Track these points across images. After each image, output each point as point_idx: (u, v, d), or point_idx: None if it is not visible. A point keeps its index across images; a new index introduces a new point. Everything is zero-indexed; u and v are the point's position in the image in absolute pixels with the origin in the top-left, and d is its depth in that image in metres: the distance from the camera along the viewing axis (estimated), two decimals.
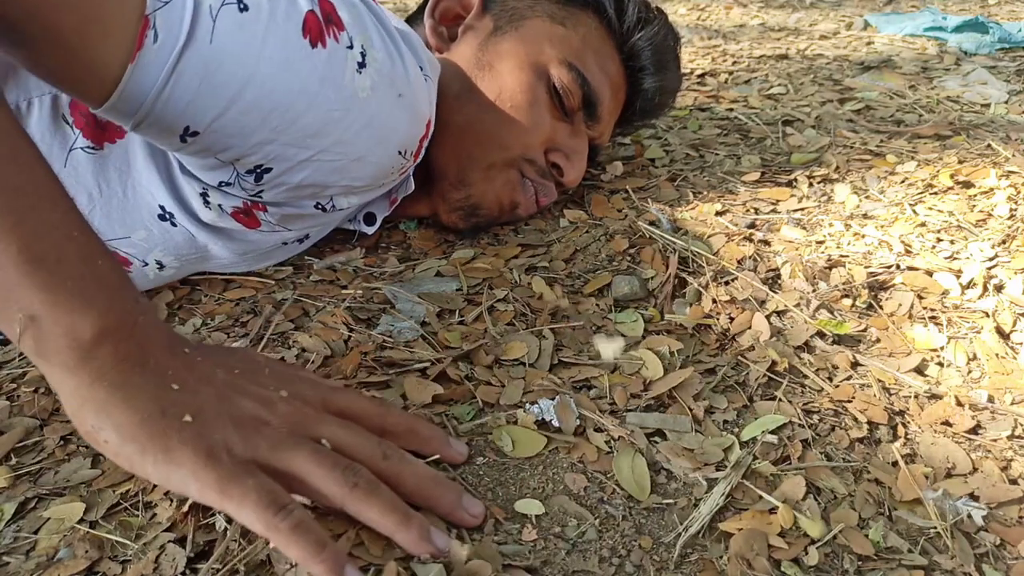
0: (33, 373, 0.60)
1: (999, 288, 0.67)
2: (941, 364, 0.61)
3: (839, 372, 0.60)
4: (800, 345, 0.63)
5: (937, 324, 0.64)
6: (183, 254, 0.67)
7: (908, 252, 0.73)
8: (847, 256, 0.72)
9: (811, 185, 0.89)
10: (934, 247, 0.73)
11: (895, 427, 0.55)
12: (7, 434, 0.53)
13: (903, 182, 0.87)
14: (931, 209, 0.80)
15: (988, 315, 0.64)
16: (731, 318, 0.66)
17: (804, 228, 0.79)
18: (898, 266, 0.70)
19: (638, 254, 0.75)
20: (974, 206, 0.80)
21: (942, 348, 0.62)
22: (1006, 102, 1.23)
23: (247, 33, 0.51)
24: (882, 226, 0.77)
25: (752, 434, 0.53)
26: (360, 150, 0.60)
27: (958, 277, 0.68)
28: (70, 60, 0.47)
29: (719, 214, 0.82)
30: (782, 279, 0.70)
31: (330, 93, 0.56)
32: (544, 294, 0.70)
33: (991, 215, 0.78)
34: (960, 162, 0.91)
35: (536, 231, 0.83)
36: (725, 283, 0.70)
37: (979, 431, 0.54)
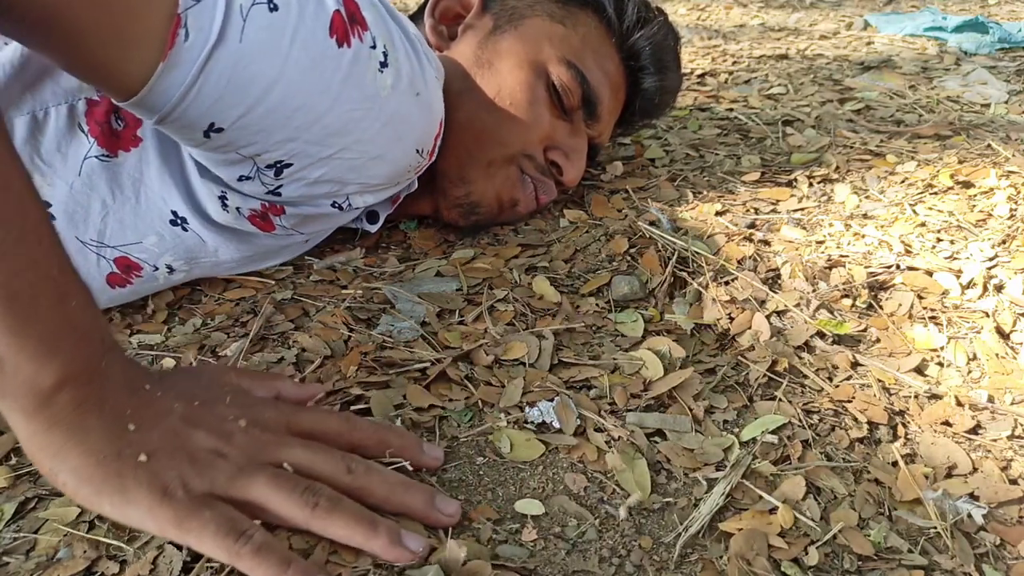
0: None
1: (999, 288, 0.67)
2: (941, 364, 0.61)
3: (839, 372, 0.60)
4: (800, 345, 0.63)
5: (937, 324, 0.64)
6: (193, 258, 0.67)
7: (908, 252, 0.73)
8: (847, 256, 0.72)
9: (811, 185, 0.89)
10: (934, 247, 0.73)
11: (895, 427, 0.55)
12: (7, 434, 0.53)
13: (903, 182, 0.87)
14: (931, 209, 0.80)
15: (988, 315, 0.64)
16: (731, 318, 0.66)
17: (804, 228, 0.79)
18: (898, 266, 0.70)
19: (638, 254, 0.75)
20: (974, 206, 0.80)
21: (942, 348, 0.62)
22: (1006, 102, 1.23)
23: (276, 33, 0.51)
24: (882, 226, 0.77)
25: (752, 434, 0.53)
26: (379, 148, 0.61)
27: (958, 277, 0.68)
28: (100, 58, 0.47)
29: (719, 214, 0.82)
30: (782, 279, 0.70)
31: (353, 92, 0.56)
32: (545, 294, 0.70)
33: (991, 215, 0.78)
34: (960, 162, 0.91)
35: (536, 231, 0.83)
36: (725, 283, 0.70)
37: (979, 431, 0.54)
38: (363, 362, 0.60)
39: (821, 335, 0.64)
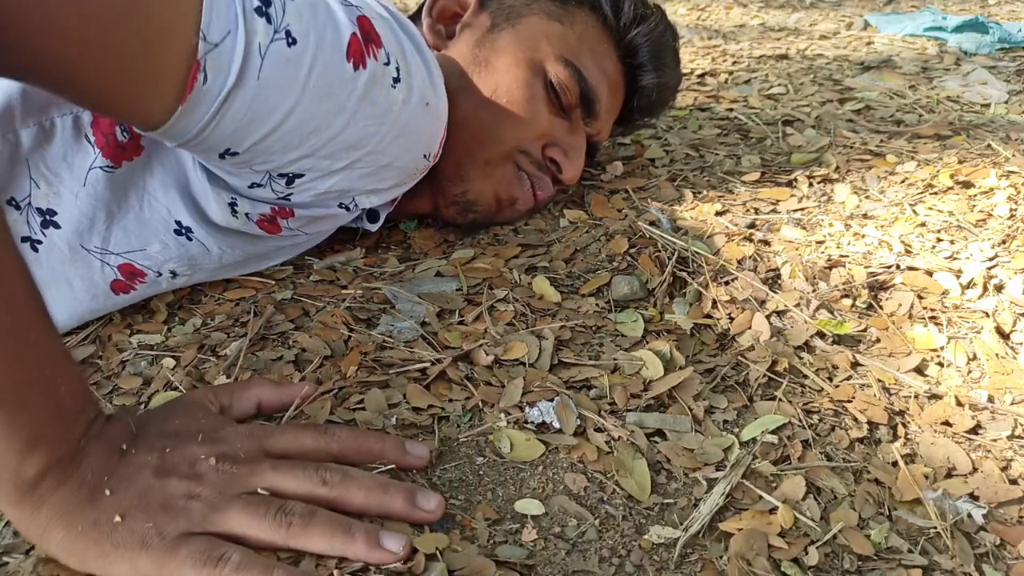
0: None
1: (999, 288, 0.67)
2: (941, 364, 0.61)
3: (839, 372, 0.60)
4: (800, 345, 0.63)
5: (937, 324, 0.64)
6: (197, 264, 0.68)
7: (908, 252, 0.73)
8: (847, 256, 0.72)
9: (811, 185, 0.89)
10: (934, 247, 0.73)
11: (895, 427, 0.55)
12: None
13: (903, 182, 0.87)
14: (931, 209, 0.80)
15: (988, 315, 0.64)
16: (731, 318, 0.66)
17: (804, 228, 0.79)
18: (898, 266, 0.70)
19: (638, 254, 0.75)
20: (974, 206, 0.80)
21: (942, 348, 0.62)
22: (1006, 102, 1.23)
23: (294, 66, 0.51)
24: (882, 226, 0.77)
25: (752, 434, 0.53)
26: (390, 157, 0.62)
27: (958, 277, 0.68)
28: (118, 106, 0.49)
29: (719, 214, 0.82)
30: (782, 279, 0.70)
31: (368, 110, 0.57)
32: (545, 294, 0.70)
33: (991, 215, 0.78)
34: (960, 162, 0.91)
35: (536, 231, 0.83)
36: (725, 283, 0.70)
37: (979, 431, 0.54)
38: (363, 362, 0.60)
39: (821, 335, 0.64)
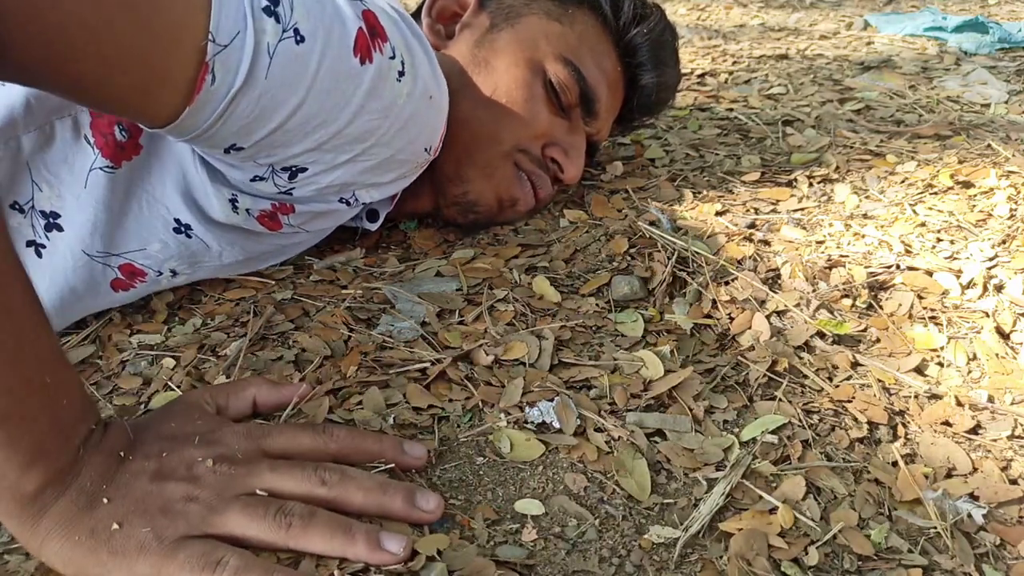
0: None
1: (999, 288, 0.67)
2: (941, 364, 0.61)
3: (839, 372, 0.60)
4: (800, 345, 0.63)
5: (937, 324, 0.64)
6: (197, 262, 0.68)
7: (908, 252, 0.73)
8: (847, 256, 0.72)
9: (811, 185, 0.89)
10: (934, 247, 0.73)
11: (895, 427, 0.55)
12: None
13: (903, 182, 0.87)
14: (931, 209, 0.80)
15: (988, 315, 0.64)
16: (731, 318, 0.66)
17: (804, 228, 0.79)
18: (898, 266, 0.70)
19: (638, 254, 0.75)
20: (974, 206, 0.80)
21: (942, 348, 0.62)
22: (1006, 102, 1.23)
23: (302, 63, 0.51)
24: (882, 226, 0.77)
25: (752, 434, 0.53)
26: (393, 150, 0.62)
27: (958, 277, 0.68)
28: (125, 108, 0.49)
29: (719, 214, 0.82)
30: (782, 279, 0.70)
31: (373, 104, 0.57)
32: (545, 294, 0.70)
33: (991, 215, 0.78)
34: (960, 162, 0.91)
35: (536, 231, 0.83)
36: (725, 283, 0.70)
37: (979, 431, 0.54)
38: (363, 362, 0.60)
39: (821, 335, 0.64)
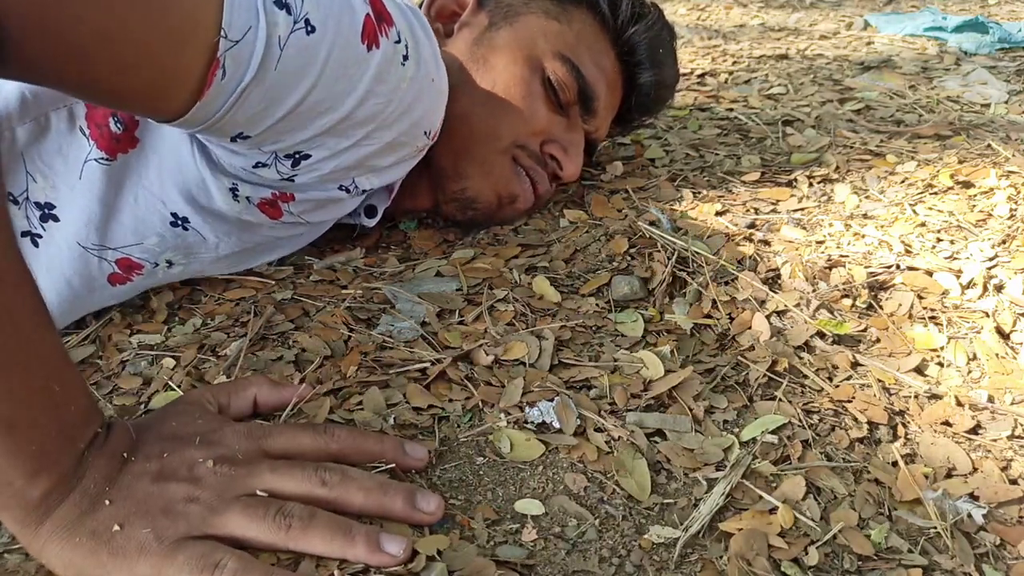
0: None
1: (999, 288, 0.67)
2: (941, 364, 0.61)
3: (839, 372, 0.60)
4: (800, 345, 0.63)
5: (937, 324, 0.64)
6: (193, 253, 0.68)
7: (908, 252, 0.73)
8: (847, 256, 0.72)
9: (811, 185, 0.89)
10: (934, 247, 0.73)
11: (895, 427, 0.55)
12: None
13: (903, 182, 0.87)
14: (931, 209, 0.80)
15: (988, 315, 0.64)
16: (731, 318, 0.66)
17: (804, 228, 0.79)
18: (898, 266, 0.70)
19: (638, 254, 0.75)
20: (974, 206, 0.80)
21: (942, 348, 0.62)
22: (1006, 102, 1.23)
23: (312, 53, 0.51)
24: (882, 226, 0.77)
25: (752, 434, 0.53)
26: (395, 133, 0.62)
27: (958, 277, 0.68)
28: (134, 107, 0.50)
29: (719, 214, 0.82)
30: (782, 279, 0.70)
31: (379, 88, 0.57)
32: (545, 294, 0.70)
33: (991, 215, 0.78)
34: (960, 162, 0.91)
35: (536, 231, 0.83)
36: (725, 283, 0.70)
37: (979, 431, 0.54)
38: (363, 362, 0.60)
39: (821, 335, 0.64)
